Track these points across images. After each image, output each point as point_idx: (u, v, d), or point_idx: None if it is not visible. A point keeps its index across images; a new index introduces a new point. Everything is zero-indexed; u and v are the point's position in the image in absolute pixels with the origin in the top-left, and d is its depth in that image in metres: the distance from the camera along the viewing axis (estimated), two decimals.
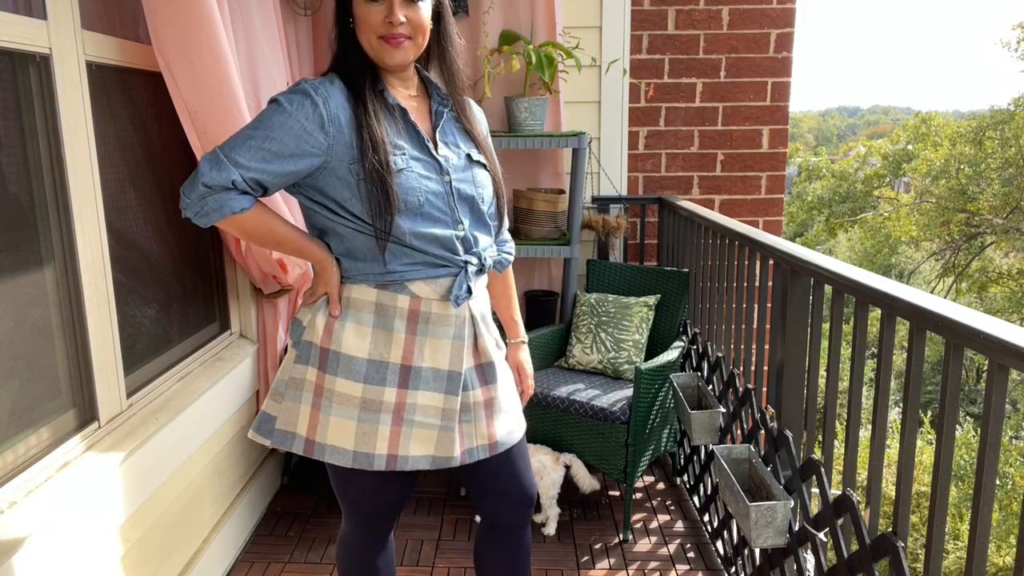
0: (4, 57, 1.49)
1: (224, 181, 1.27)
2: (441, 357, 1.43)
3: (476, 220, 1.47)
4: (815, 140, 47.68)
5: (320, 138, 1.31)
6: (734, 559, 2.25)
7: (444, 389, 1.44)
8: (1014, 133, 13.66)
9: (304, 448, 1.43)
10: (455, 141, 1.47)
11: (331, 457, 1.42)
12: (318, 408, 1.41)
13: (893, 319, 1.47)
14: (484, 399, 1.49)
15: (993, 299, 14.79)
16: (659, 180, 3.50)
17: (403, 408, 1.42)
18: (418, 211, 1.36)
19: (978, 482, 1.22)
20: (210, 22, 1.87)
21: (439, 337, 1.43)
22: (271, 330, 2.57)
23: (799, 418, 1.96)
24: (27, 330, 1.56)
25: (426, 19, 1.37)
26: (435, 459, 1.45)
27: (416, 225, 1.37)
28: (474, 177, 1.46)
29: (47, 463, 1.57)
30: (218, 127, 1.97)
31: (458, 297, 1.42)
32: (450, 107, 1.48)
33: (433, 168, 1.39)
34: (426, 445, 1.44)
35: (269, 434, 1.46)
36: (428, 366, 1.43)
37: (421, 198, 1.36)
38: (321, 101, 1.31)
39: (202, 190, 1.27)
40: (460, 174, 1.43)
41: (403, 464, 1.42)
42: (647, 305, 2.84)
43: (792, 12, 3.36)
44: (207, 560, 2.17)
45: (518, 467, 1.59)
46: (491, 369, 1.51)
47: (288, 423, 1.44)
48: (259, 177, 1.29)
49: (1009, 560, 8.11)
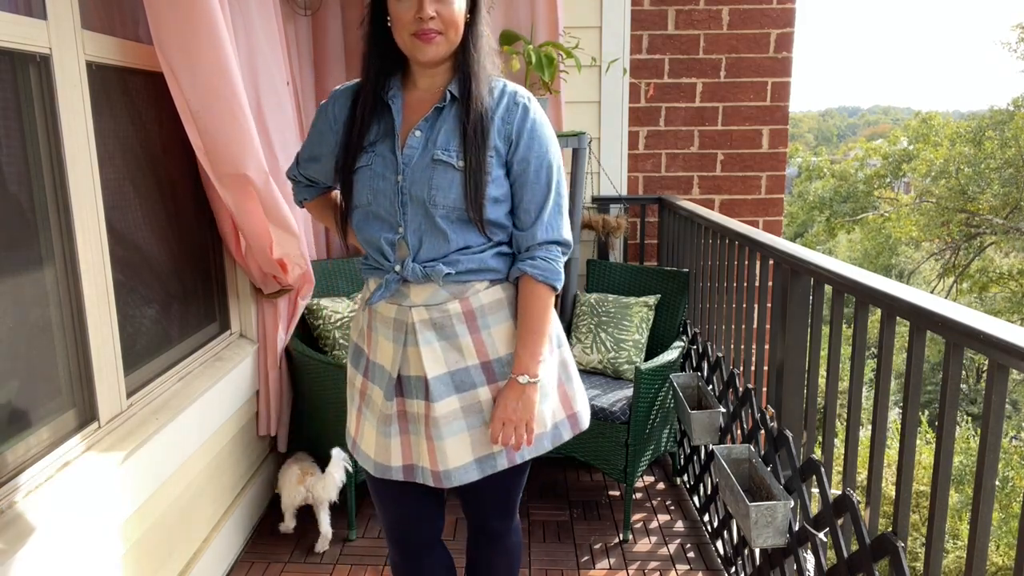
0: (4, 57, 1.49)
1: (290, 173, 1.59)
2: (384, 355, 1.45)
3: (428, 225, 1.36)
4: (815, 140, 47.67)
5: (331, 139, 1.45)
6: (734, 559, 2.25)
7: (384, 389, 1.45)
8: (1014, 133, 13.66)
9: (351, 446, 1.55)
10: (436, 139, 1.36)
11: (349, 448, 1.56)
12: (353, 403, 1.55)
13: (893, 319, 1.47)
14: (424, 413, 1.41)
15: (993, 299, 14.79)
16: (659, 180, 3.50)
17: (364, 397, 1.50)
18: (367, 209, 1.40)
19: (978, 482, 1.22)
20: (212, 22, 1.87)
21: (381, 335, 1.45)
22: (271, 330, 2.57)
23: (799, 418, 1.96)
24: (27, 330, 1.56)
25: (459, 14, 1.32)
26: (376, 464, 1.47)
27: (361, 223, 1.43)
28: (432, 179, 1.34)
29: (47, 463, 1.57)
30: (220, 127, 1.97)
31: (370, 300, 1.44)
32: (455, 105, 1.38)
33: (391, 166, 1.37)
34: (370, 445, 1.48)
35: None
36: (379, 362, 1.46)
37: (369, 196, 1.38)
38: (330, 105, 1.46)
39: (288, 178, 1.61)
40: (417, 174, 1.35)
41: (357, 450, 1.52)
42: (647, 305, 2.84)
43: (792, 12, 3.36)
44: (207, 560, 2.17)
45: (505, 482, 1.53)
46: (426, 384, 1.39)
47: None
48: (306, 172, 1.55)
49: (1009, 560, 8.11)
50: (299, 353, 2.56)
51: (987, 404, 1.20)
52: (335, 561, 2.41)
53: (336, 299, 2.81)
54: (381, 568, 2.37)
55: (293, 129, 2.52)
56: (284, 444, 2.75)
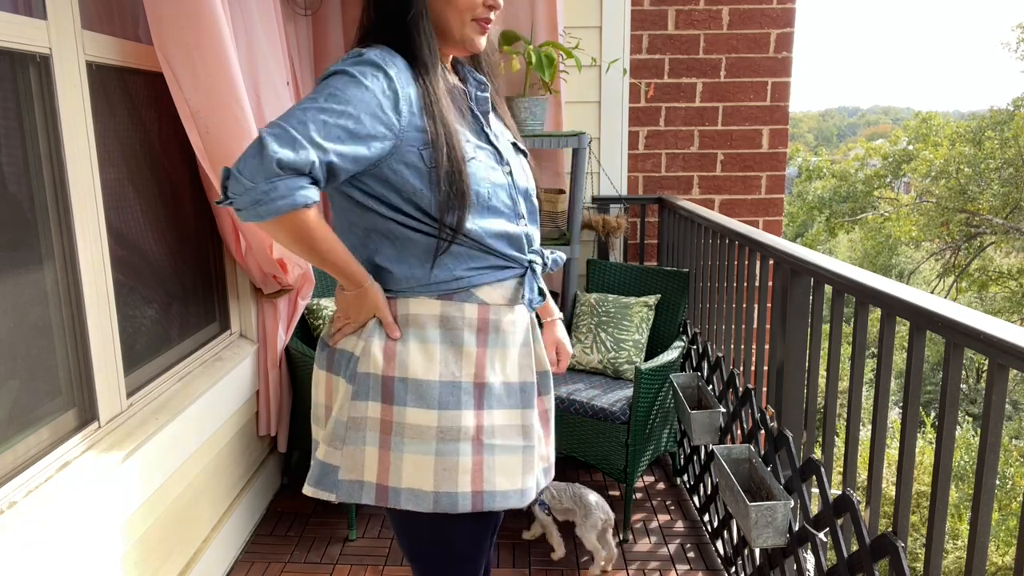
0: (4, 57, 1.49)
1: (302, 163, 1.05)
2: (511, 369, 1.29)
3: (531, 215, 1.34)
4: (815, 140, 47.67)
5: (393, 118, 1.14)
6: (734, 559, 2.25)
7: (520, 403, 1.29)
8: (1014, 133, 13.66)
9: (376, 496, 1.22)
10: (500, 129, 1.35)
11: (408, 502, 1.21)
12: (387, 447, 1.22)
13: (893, 319, 1.47)
14: (540, 410, 1.36)
15: (993, 299, 14.80)
16: (659, 180, 3.50)
17: (482, 432, 1.24)
18: (486, 205, 1.22)
19: (978, 482, 1.22)
20: (213, 22, 1.87)
21: (508, 346, 1.28)
22: (271, 330, 2.57)
23: (799, 418, 1.96)
24: (27, 330, 1.56)
25: None
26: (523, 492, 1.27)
27: (483, 221, 1.22)
28: (524, 167, 1.34)
29: (47, 463, 1.57)
30: (220, 126, 1.97)
31: (532, 300, 1.30)
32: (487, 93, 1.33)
33: (494, 157, 1.26)
34: (511, 475, 1.26)
35: (334, 487, 1.24)
36: (499, 381, 1.27)
37: (489, 190, 1.22)
38: (395, 75, 1.15)
39: (274, 170, 1.04)
40: (514, 164, 1.31)
41: (490, 501, 1.23)
42: (647, 305, 2.84)
43: (792, 12, 3.36)
44: (207, 560, 2.17)
45: None
46: (547, 379, 1.39)
47: (354, 470, 1.23)
48: (334, 161, 1.10)
49: (1009, 560, 8.11)
50: (299, 353, 2.56)
51: (987, 404, 1.20)
52: (335, 561, 2.41)
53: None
54: (381, 568, 2.37)
55: None
56: (284, 444, 2.75)
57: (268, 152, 1.03)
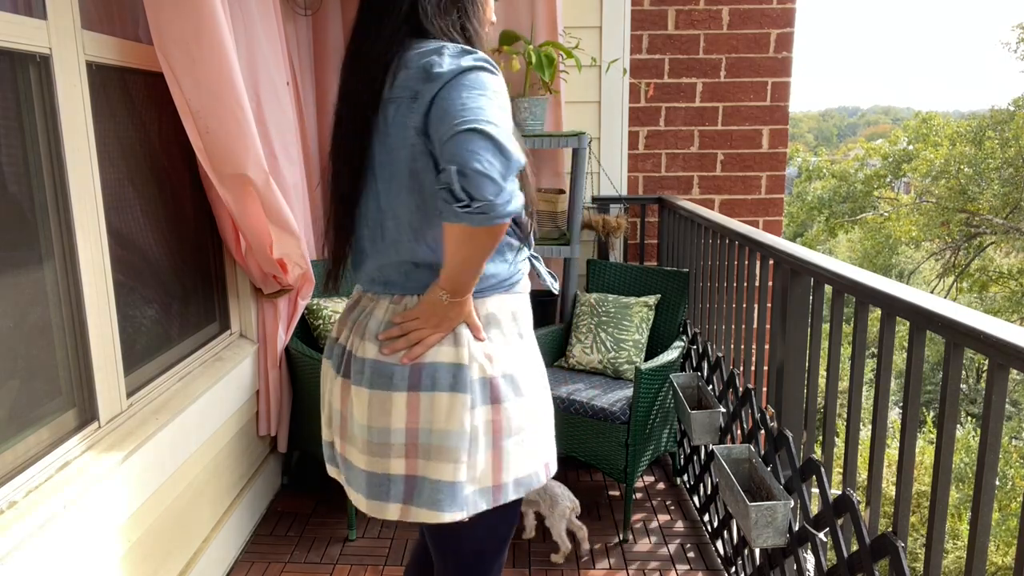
0: (4, 57, 1.49)
1: (522, 162, 1.08)
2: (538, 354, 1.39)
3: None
4: (815, 140, 47.65)
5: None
6: (734, 559, 2.25)
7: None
8: (1014, 133, 13.66)
9: (492, 498, 1.25)
10: None
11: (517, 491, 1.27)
12: (498, 446, 1.25)
13: (893, 319, 1.47)
14: None
15: (993, 299, 14.79)
16: (659, 180, 3.50)
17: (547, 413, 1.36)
18: None
19: (978, 482, 1.22)
20: (214, 22, 1.87)
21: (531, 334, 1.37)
22: (271, 330, 2.57)
23: (799, 418, 1.96)
24: (27, 330, 1.56)
25: None
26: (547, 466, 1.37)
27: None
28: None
29: (47, 463, 1.57)
30: (220, 127, 1.97)
31: (554, 276, 1.38)
32: None
33: None
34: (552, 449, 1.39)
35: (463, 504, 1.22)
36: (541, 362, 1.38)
37: None
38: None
39: (516, 168, 1.06)
40: None
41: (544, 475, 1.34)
42: (647, 305, 2.84)
43: (792, 12, 3.36)
44: (207, 560, 2.17)
45: None
46: None
47: (476, 480, 1.24)
48: None
49: (1009, 560, 8.11)
50: (299, 353, 2.56)
51: (987, 404, 1.20)
52: (335, 561, 2.41)
53: (336, 299, 2.81)
54: (381, 568, 2.37)
55: (293, 130, 2.52)
56: (284, 444, 2.75)
57: (508, 150, 1.03)
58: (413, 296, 1.25)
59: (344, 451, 1.31)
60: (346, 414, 1.28)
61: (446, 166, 1.03)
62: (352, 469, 1.29)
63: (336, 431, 1.33)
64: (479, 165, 1.01)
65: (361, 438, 1.24)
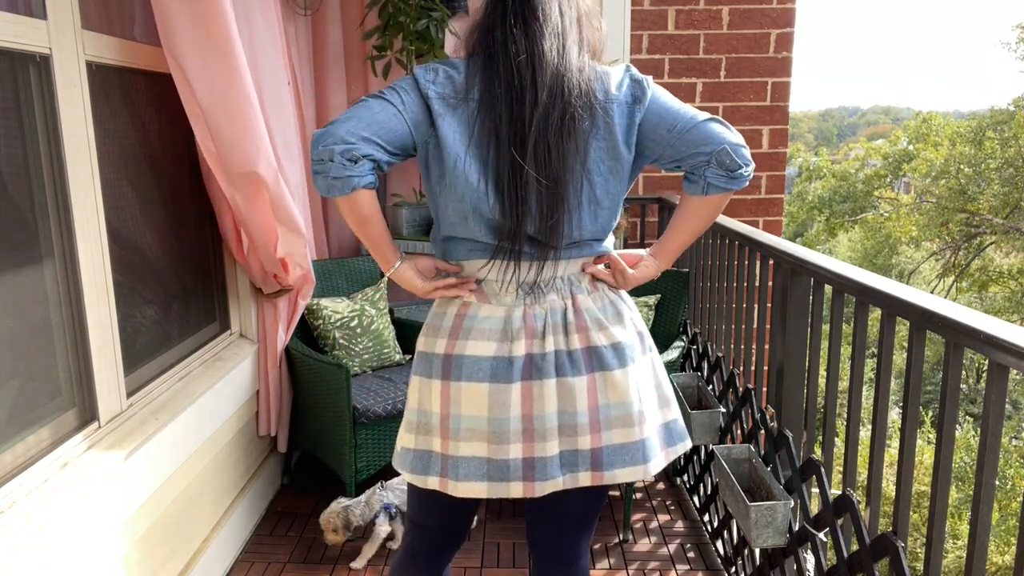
0: (4, 57, 1.49)
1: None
2: None
3: None
4: (815, 140, 47.66)
5: None
6: (734, 559, 2.25)
7: None
8: (1014, 133, 13.66)
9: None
10: None
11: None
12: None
13: (893, 319, 1.47)
14: None
15: (993, 299, 14.80)
16: (659, 180, 3.50)
17: None
18: None
19: (978, 482, 1.22)
20: (225, 23, 1.87)
21: None
22: (271, 330, 2.57)
23: (799, 418, 1.96)
24: (27, 330, 1.56)
25: None
26: None
27: None
28: None
29: (47, 463, 1.57)
30: (232, 126, 1.97)
31: None
32: None
33: None
34: None
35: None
36: None
37: None
38: None
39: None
40: None
41: None
42: (647, 305, 2.84)
43: (792, 12, 3.36)
44: (207, 560, 2.17)
45: None
46: None
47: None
48: None
49: (1009, 560, 8.11)
50: (299, 353, 2.56)
51: (987, 404, 1.20)
52: (335, 561, 2.41)
53: (336, 299, 2.81)
54: (381, 568, 2.37)
55: (294, 130, 2.52)
56: (284, 444, 2.75)
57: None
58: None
59: (596, 443, 1.34)
60: (594, 405, 1.34)
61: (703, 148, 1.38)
62: (623, 450, 1.35)
63: (570, 431, 1.34)
64: (738, 143, 1.40)
65: (624, 415, 1.34)
